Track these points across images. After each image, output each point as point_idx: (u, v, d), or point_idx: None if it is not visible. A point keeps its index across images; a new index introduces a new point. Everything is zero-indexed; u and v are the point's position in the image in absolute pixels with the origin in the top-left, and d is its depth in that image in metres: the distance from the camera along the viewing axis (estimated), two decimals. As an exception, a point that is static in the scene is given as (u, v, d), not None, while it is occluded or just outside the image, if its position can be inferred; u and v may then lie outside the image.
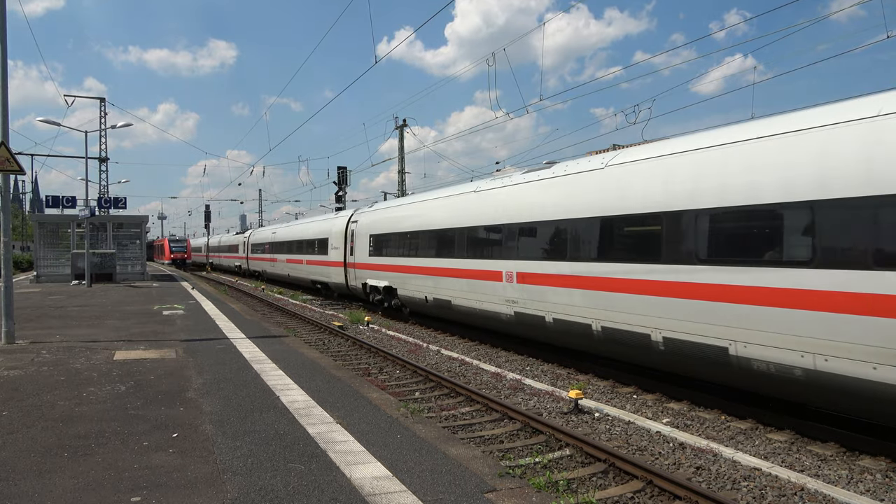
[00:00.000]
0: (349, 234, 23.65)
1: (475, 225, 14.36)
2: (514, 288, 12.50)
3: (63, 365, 9.40)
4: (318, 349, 13.22)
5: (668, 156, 9.23)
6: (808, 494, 5.91)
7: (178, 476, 4.84)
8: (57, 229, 32.16)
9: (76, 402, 7.13)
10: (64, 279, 30.42)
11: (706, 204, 8.28)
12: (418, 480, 4.85)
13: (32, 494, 4.47)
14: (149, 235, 57.12)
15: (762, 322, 7.48)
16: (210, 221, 77.87)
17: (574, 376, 11.25)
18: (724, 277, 7.95)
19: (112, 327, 13.79)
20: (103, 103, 38.73)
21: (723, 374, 8.42)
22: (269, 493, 4.52)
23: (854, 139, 6.68)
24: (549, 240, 11.60)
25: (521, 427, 8.09)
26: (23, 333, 12.46)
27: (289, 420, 6.49)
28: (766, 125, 7.95)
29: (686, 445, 7.35)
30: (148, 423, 6.28)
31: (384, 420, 6.60)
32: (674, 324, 8.75)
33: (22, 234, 70.16)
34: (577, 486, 6.14)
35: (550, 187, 11.83)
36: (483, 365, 12.12)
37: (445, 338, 16.18)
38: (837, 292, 6.65)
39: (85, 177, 31.17)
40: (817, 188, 6.92)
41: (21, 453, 5.37)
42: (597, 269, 10.20)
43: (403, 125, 39.30)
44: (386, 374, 11.65)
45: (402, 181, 39.40)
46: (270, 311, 22.93)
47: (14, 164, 11.21)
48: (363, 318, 18.63)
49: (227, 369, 9.11)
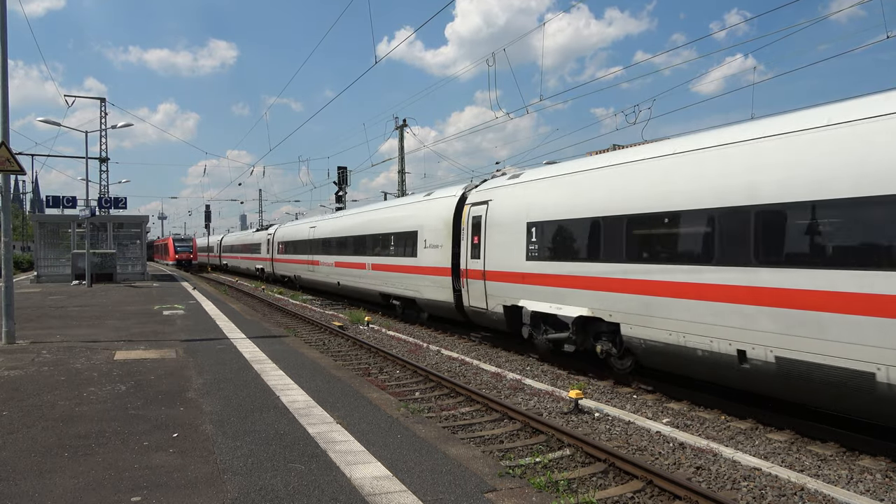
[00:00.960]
0: (468, 223, 14.94)
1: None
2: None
3: (63, 365, 9.41)
4: (318, 349, 13.23)
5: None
6: (808, 494, 5.91)
7: (179, 476, 4.84)
8: (57, 229, 32.15)
9: (76, 402, 7.13)
10: (64, 279, 30.43)
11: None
12: (418, 480, 4.86)
13: (33, 494, 4.47)
14: (149, 235, 56.80)
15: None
16: (210, 221, 77.95)
17: (574, 376, 11.25)
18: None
19: (112, 327, 13.80)
20: (103, 103, 38.76)
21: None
22: (270, 493, 4.52)
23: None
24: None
25: (522, 427, 8.09)
26: (23, 333, 12.46)
27: (289, 420, 6.49)
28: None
29: (686, 445, 7.35)
30: (148, 423, 6.28)
31: (384, 420, 6.60)
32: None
33: (22, 234, 70.17)
34: (577, 485, 6.14)
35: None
36: (483, 365, 12.12)
37: (445, 338, 16.18)
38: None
39: (85, 177, 31.19)
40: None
41: (21, 453, 5.37)
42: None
43: (403, 125, 39.35)
44: (386, 374, 11.65)
45: (402, 181, 39.43)
46: (270, 311, 22.93)
47: (14, 165, 11.22)
48: (363, 318, 18.62)
49: (227, 369, 9.11)
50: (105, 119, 38.20)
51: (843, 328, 6.76)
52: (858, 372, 6.60)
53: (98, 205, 31.16)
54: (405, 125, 39.38)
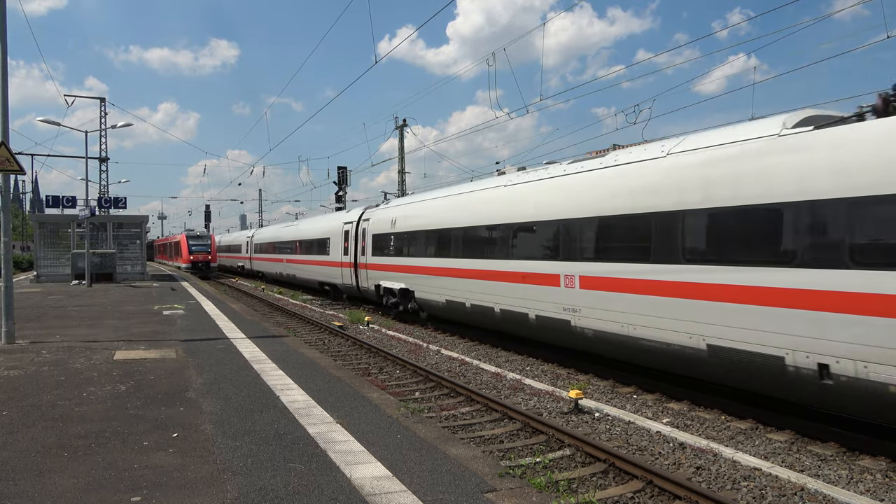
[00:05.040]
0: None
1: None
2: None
3: (63, 365, 9.40)
4: (318, 349, 13.22)
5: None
6: (808, 494, 5.91)
7: (178, 476, 4.84)
8: (57, 229, 32.13)
9: (76, 402, 7.13)
10: (64, 279, 30.41)
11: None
12: (418, 480, 4.85)
13: (33, 494, 4.47)
14: (149, 235, 56.34)
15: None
16: (210, 221, 78.09)
17: (574, 376, 11.25)
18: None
19: (112, 327, 13.79)
20: (103, 103, 38.81)
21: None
22: (269, 493, 4.52)
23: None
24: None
25: (522, 427, 8.09)
26: (23, 333, 12.46)
27: (289, 420, 6.49)
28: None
29: (686, 445, 7.35)
30: (148, 423, 6.28)
31: (384, 420, 6.60)
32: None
33: (22, 234, 70.14)
34: (577, 485, 6.14)
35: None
36: (483, 365, 12.13)
37: (445, 338, 16.18)
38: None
39: (85, 177, 31.18)
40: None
41: (21, 453, 5.37)
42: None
43: (403, 125, 39.36)
44: (386, 373, 11.65)
45: (402, 181, 39.42)
46: (270, 311, 22.93)
47: (14, 164, 11.21)
48: (363, 318, 18.63)
49: (227, 369, 9.11)
50: (105, 119, 38.27)
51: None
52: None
53: (98, 205, 31.13)
54: (405, 125, 39.39)
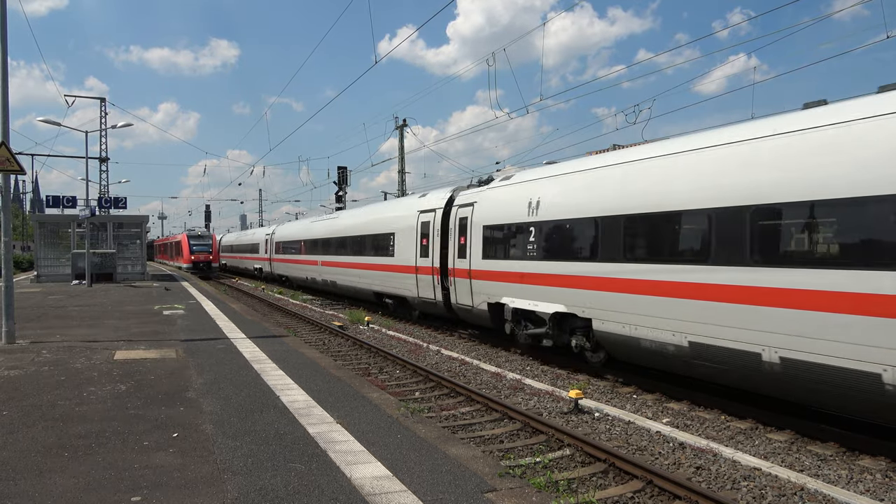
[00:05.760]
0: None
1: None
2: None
3: (63, 365, 9.41)
4: (318, 349, 13.23)
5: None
6: (808, 494, 5.91)
7: (179, 476, 4.84)
8: (57, 229, 32.13)
9: (76, 402, 7.13)
10: (64, 279, 30.41)
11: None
12: (418, 480, 4.86)
13: (33, 494, 4.47)
14: (149, 236, 56.33)
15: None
16: (210, 221, 78.14)
17: (574, 376, 11.25)
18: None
19: (112, 327, 13.79)
20: (104, 103, 38.86)
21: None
22: (270, 493, 4.52)
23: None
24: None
25: (522, 427, 8.09)
26: (23, 333, 12.46)
27: (289, 420, 6.49)
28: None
29: (686, 445, 7.35)
30: (148, 423, 6.28)
31: (384, 420, 6.60)
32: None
33: (22, 234, 70.16)
34: (577, 485, 6.14)
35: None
36: (483, 365, 12.13)
37: (445, 338, 16.18)
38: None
39: (85, 177, 31.17)
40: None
41: (21, 453, 5.37)
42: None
43: (403, 125, 39.36)
44: (386, 373, 11.65)
45: (402, 181, 39.43)
46: (270, 311, 22.93)
47: (14, 164, 11.21)
48: (363, 318, 18.63)
49: (227, 369, 9.11)
50: (105, 119, 38.31)
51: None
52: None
53: (98, 205, 31.14)
54: (405, 125, 39.40)
